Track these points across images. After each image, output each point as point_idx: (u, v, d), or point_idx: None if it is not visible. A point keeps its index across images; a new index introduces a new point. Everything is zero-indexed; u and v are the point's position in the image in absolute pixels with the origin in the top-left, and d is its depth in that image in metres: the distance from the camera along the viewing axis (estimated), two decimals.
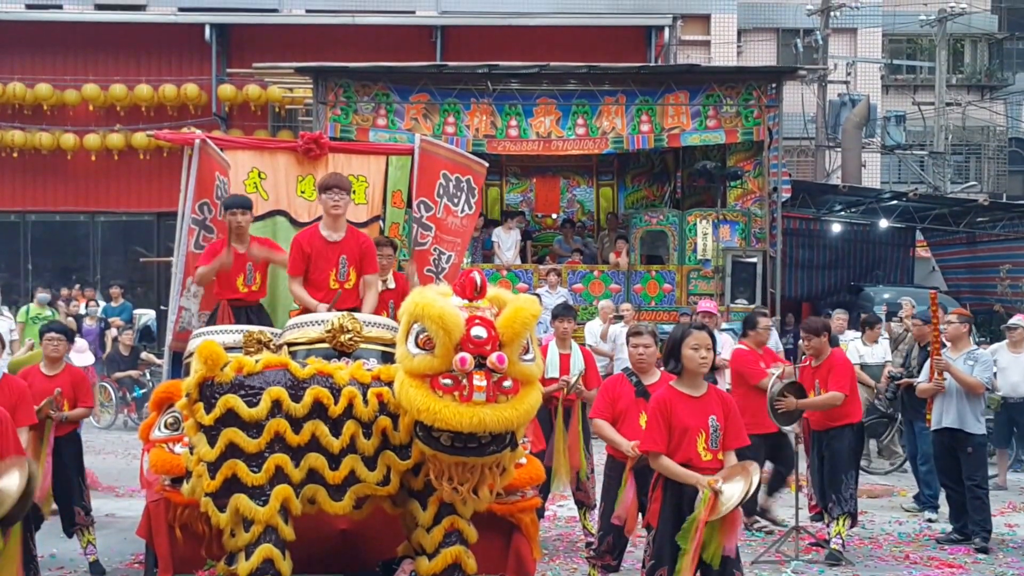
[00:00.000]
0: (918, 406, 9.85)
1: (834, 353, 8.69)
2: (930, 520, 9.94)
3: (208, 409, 4.95)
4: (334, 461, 5.05)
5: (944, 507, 9.61)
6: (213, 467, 4.93)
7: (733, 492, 5.15)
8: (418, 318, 4.77)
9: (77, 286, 19.61)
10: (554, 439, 7.87)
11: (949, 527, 9.30)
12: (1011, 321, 11.80)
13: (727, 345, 12.24)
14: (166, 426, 6.12)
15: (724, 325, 14.50)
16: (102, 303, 18.61)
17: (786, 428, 8.80)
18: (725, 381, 11.77)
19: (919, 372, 9.93)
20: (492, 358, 4.74)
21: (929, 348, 9.40)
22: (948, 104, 29.22)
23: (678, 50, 23.58)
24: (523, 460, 5.81)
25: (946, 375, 8.94)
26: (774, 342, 12.98)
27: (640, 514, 5.96)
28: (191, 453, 5.09)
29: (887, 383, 11.93)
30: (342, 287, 7.23)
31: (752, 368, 9.07)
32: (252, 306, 7.69)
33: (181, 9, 24.12)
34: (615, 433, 6.40)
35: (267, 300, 8.01)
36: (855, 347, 12.93)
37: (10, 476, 4.83)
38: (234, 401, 4.94)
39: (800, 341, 9.46)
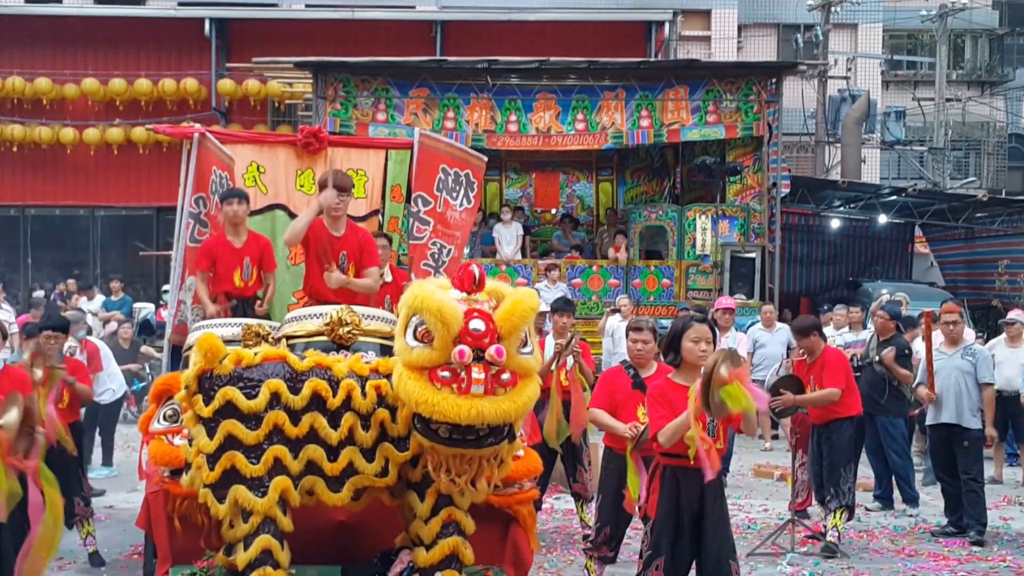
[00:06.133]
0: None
1: (827, 350, 8.75)
2: (910, 515, 9.98)
3: (207, 401, 4.96)
4: (332, 453, 5.06)
5: (937, 501, 9.66)
6: (212, 459, 4.93)
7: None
8: (417, 311, 4.78)
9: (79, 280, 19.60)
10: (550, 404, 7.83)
11: (944, 520, 9.35)
12: (1008, 316, 11.83)
13: (742, 343, 12.23)
14: (165, 418, 6.12)
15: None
16: (100, 297, 18.61)
17: (782, 420, 8.83)
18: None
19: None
20: (491, 351, 4.74)
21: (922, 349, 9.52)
22: (948, 100, 29.21)
23: (678, 45, 23.58)
24: (520, 452, 5.82)
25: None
26: (787, 342, 12.92)
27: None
28: (190, 445, 5.10)
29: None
30: None
31: None
32: (248, 299, 7.72)
33: (181, 3, 24.16)
34: (611, 419, 6.43)
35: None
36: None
37: (8, 411, 5.26)
38: (233, 393, 4.95)
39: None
